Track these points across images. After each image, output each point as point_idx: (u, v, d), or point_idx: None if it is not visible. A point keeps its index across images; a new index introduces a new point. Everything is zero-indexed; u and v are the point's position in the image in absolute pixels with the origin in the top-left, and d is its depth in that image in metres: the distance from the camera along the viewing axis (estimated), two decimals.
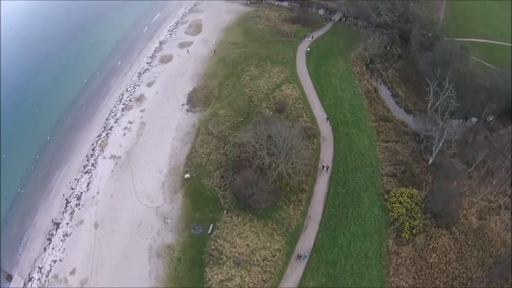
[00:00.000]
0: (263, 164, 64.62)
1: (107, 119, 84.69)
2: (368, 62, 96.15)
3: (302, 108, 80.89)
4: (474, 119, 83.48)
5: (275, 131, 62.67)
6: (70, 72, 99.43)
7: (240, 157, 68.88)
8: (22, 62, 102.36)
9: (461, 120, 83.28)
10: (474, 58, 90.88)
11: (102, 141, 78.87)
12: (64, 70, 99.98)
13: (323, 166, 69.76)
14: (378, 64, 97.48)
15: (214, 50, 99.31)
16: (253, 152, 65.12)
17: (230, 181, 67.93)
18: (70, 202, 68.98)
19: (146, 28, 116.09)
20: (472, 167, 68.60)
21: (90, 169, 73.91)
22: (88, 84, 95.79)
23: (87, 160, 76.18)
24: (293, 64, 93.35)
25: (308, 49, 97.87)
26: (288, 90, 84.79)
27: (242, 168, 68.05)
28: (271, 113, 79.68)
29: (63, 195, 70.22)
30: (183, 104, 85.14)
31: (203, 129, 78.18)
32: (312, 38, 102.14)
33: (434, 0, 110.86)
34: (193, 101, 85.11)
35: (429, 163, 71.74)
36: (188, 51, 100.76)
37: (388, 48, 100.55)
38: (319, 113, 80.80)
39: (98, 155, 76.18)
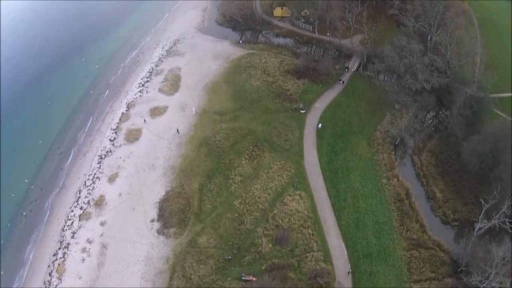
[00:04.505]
0: None
1: (63, 229, 67.35)
2: (397, 142, 73.74)
3: (312, 234, 59.09)
4: None
5: None
6: (23, 149, 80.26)
7: None
8: None
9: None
10: None
11: (59, 264, 63.45)
12: (15, 146, 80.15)
13: None
14: (409, 145, 74.23)
15: (178, 130, 76.22)
16: None
17: None
18: None
19: (113, 78, 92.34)
20: None
21: None
22: (43, 167, 77.27)
23: None
24: (300, 151, 70.24)
25: (320, 125, 74.21)
26: (293, 202, 62.46)
27: None
28: (270, 245, 58.71)
29: None
30: (152, 221, 64.21)
31: (179, 270, 57.85)
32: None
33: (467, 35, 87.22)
34: (166, 217, 63.53)
35: None
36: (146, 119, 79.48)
37: (420, 117, 77.25)
38: (335, 242, 59.21)
39: (56, 286, 60.34)
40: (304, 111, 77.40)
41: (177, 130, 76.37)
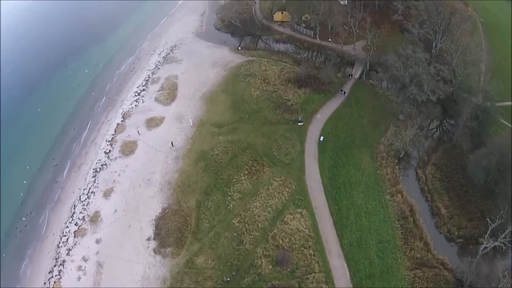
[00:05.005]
0: None
1: (58, 246, 65.49)
2: (401, 155, 71.52)
3: (313, 255, 56.95)
4: None
5: None
6: (16, 162, 77.67)
7: None
8: None
9: None
10: None
11: (55, 282, 61.70)
12: (12, 151, 78.45)
13: None
14: (413, 158, 71.86)
15: (172, 143, 73.82)
16: None
17: None
18: None
19: (108, 86, 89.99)
20: None
21: None
22: (38, 180, 75.25)
23: None
24: (301, 166, 67.81)
25: (322, 138, 71.77)
26: (294, 221, 60.22)
27: None
28: (270, 267, 56.64)
29: None
30: (149, 239, 62.04)
31: None
32: (302, 123, 74.26)
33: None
34: (162, 235, 61.46)
35: None
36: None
37: (425, 128, 74.87)
38: (337, 262, 57.02)
39: None
40: (302, 124, 74.83)
41: (172, 143, 73.89)
